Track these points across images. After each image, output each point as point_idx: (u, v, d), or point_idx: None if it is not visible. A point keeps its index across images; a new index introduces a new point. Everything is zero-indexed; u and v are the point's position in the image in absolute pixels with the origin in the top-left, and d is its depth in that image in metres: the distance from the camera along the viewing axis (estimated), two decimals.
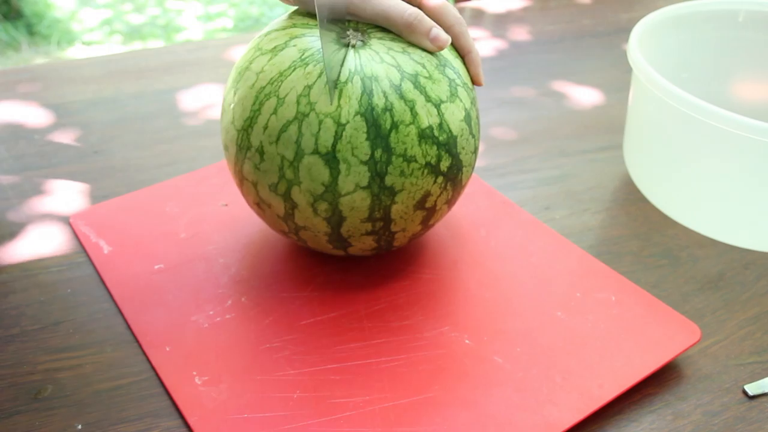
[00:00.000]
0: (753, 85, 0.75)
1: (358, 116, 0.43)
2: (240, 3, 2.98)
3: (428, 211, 0.48)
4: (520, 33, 1.01)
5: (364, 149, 0.43)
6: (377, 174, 0.44)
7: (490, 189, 0.64)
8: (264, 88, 0.45)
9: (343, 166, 0.43)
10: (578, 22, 1.05)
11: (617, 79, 0.88)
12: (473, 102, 0.49)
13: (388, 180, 0.44)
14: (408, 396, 0.45)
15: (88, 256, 0.56)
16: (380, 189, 0.44)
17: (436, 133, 0.45)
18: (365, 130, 0.43)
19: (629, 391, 0.47)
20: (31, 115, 0.76)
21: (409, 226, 0.48)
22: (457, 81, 0.47)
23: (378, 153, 0.43)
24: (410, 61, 0.45)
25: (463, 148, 0.48)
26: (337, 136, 0.43)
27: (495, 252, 0.57)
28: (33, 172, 0.67)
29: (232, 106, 0.47)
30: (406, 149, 0.44)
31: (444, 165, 0.46)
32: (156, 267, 0.54)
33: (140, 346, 0.48)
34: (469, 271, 0.55)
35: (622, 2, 1.12)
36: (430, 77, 0.45)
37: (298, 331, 0.49)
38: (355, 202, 0.45)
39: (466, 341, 0.49)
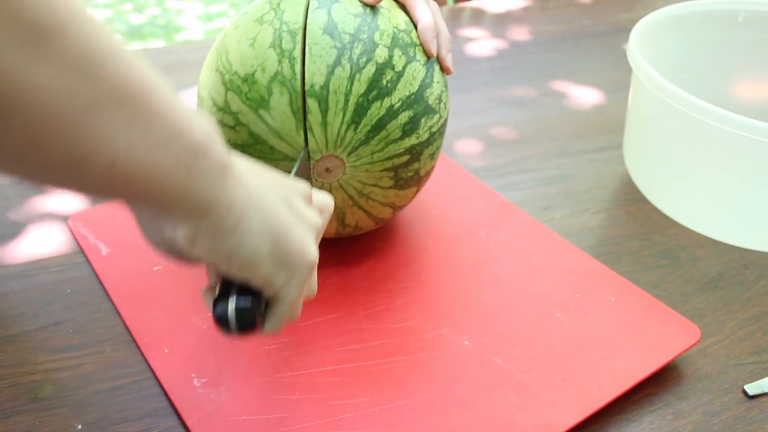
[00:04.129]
0: (753, 85, 0.75)
1: None
2: (240, 3, 2.98)
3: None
4: (520, 33, 1.01)
5: None
6: None
7: (490, 190, 0.64)
8: None
9: None
10: (578, 22, 1.05)
11: (617, 79, 0.88)
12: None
13: None
14: (407, 398, 0.45)
15: (86, 258, 0.56)
16: None
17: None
18: None
19: (629, 391, 0.47)
20: None
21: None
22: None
23: None
24: None
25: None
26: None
27: (494, 253, 0.57)
28: None
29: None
30: None
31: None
32: (155, 268, 0.54)
33: (139, 347, 0.48)
34: (469, 273, 0.55)
35: (622, 2, 1.12)
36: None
37: (296, 333, 0.49)
38: None
39: (466, 342, 0.49)
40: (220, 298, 0.32)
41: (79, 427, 0.43)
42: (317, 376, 0.46)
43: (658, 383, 0.48)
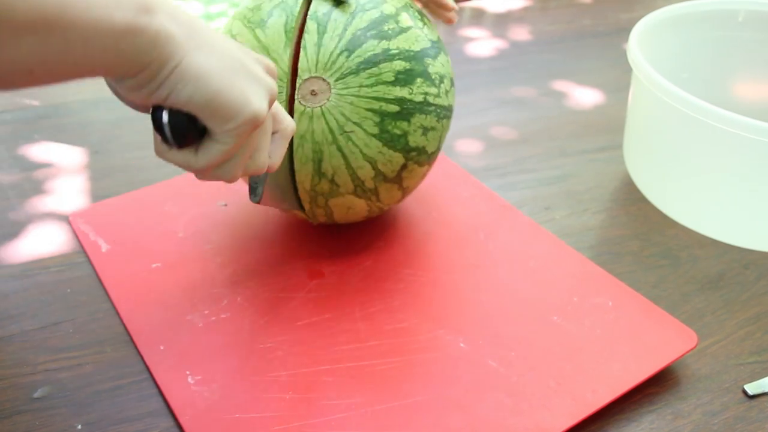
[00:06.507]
0: (753, 85, 0.75)
1: None
2: (240, 3, 2.98)
3: None
4: (520, 33, 1.01)
5: None
6: None
7: (490, 192, 0.64)
8: None
9: None
10: (578, 22, 1.04)
11: (617, 79, 0.88)
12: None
13: None
14: (401, 399, 0.44)
15: (86, 254, 0.56)
16: None
17: None
18: None
19: (629, 391, 0.46)
20: (32, 115, 0.77)
21: None
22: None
23: None
24: None
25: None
26: None
27: (493, 255, 0.57)
28: (33, 172, 0.67)
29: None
30: None
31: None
32: (153, 266, 0.54)
33: (136, 344, 0.49)
34: (466, 275, 0.55)
35: (622, 2, 1.11)
36: None
37: (292, 332, 0.49)
38: None
39: (461, 345, 0.48)
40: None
41: (79, 427, 0.44)
42: (311, 376, 0.46)
43: (658, 383, 0.48)
